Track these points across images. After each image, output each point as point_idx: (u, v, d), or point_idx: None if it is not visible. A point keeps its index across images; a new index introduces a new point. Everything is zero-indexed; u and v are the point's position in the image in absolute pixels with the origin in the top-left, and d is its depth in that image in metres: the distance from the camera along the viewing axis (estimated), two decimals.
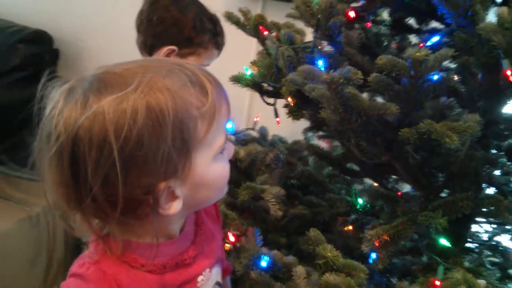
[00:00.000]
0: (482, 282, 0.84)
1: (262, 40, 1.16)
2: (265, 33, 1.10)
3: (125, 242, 0.60)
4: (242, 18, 1.23)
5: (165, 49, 1.26)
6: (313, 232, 0.86)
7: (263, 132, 1.42)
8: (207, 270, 0.69)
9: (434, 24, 1.15)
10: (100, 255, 0.60)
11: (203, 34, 1.28)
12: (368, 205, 1.29)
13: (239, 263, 1.01)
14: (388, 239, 0.93)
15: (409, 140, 0.81)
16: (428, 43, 0.89)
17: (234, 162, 1.16)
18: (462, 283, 0.73)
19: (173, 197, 0.57)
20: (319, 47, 1.05)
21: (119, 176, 0.51)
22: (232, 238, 1.15)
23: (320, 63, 0.97)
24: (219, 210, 0.81)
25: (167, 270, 0.63)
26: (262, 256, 0.99)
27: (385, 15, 1.28)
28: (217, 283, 0.73)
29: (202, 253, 0.69)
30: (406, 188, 1.25)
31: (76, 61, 2.50)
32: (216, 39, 1.31)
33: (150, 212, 0.56)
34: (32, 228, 1.87)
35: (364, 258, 1.07)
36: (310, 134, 1.47)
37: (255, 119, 1.69)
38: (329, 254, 0.79)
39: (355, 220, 1.31)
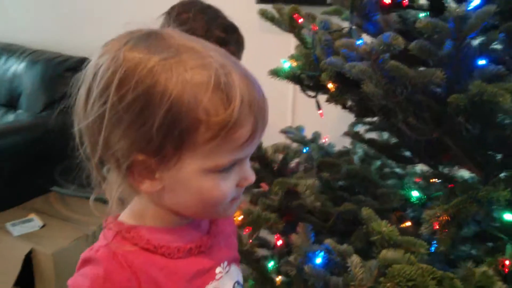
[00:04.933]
0: None
1: (298, 31, 1.15)
2: (300, 20, 1.09)
3: (136, 227, 0.60)
4: (276, 15, 1.22)
5: None
6: (365, 211, 0.82)
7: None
8: (226, 263, 0.68)
9: None
10: (110, 238, 0.59)
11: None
12: (424, 197, 1.23)
13: (290, 262, 0.98)
14: (449, 218, 0.88)
15: (459, 107, 0.77)
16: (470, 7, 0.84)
17: (265, 163, 1.14)
18: None
19: (151, 176, 0.56)
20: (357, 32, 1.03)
21: (105, 122, 0.53)
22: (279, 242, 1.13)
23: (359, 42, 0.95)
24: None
25: (181, 254, 0.61)
26: (318, 251, 0.96)
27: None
28: (237, 283, 0.71)
29: (218, 245, 0.67)
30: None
31: None
32: (226, 48, 1.30)
33: (123, 178, 0.57)
34: (88, 246, 1.92)
35: None
36: (357, 128, 1.42)
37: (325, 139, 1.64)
38: (384, 228, 0.75)
39: (412, 216, 1.25)
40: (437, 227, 0.89)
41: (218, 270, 0.65)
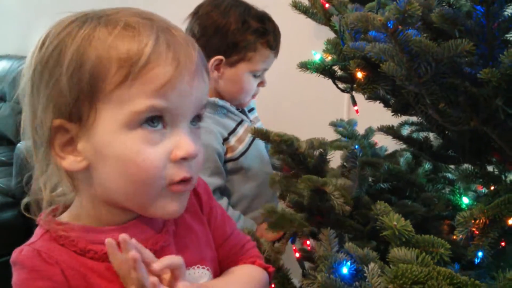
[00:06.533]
0: None
1: (328, 20, 1.07)
2: (327, 5, 1.01)
3: (66, 225, 0.56)
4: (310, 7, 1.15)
5: (212, 61, 1.22)
6: (380, 205, 0.72)
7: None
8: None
9: None
10: (36, 237, 0.56)
11: (249, 35, 1.21)
12: (475, 203, 1.07)
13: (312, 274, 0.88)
14: (487, 222, 0.75)
15: (493, 85, 0.65)
16: None
17: (299, 159, 1.04)
18: None
19: (73, 148, 0.53)
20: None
21: (29, 88, 0.53)
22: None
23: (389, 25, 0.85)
24: (208, 205, 0.70)
25: None
26: (344, 261, 0.85)
27: None
28: None
29: (169, 246, 0.59)
30: None
31: None
32: (266, 38, 1.23)
33: (45, 155, 0.54)
34: None
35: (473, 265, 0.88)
36: (405, 128, 1.30)
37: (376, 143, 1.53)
38: (395, 223, 0.64)
39: None
40: (475, 230, 0.77)
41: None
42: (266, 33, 1.25)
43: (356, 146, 1.15)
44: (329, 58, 1.10)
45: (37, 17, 3.02)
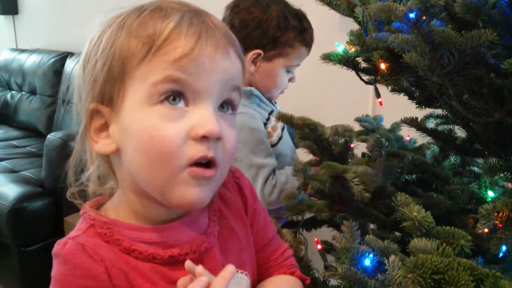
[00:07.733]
0: None
1: (351, 11, 1.06)
2: None
3: (110, 223, 0.54)
4: None
5: (250, 54, 1.23)
6: (400, 196, 0.71)
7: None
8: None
9: None
10: (80, 231, 0.54)
11: (289, 32, 1.23)
12: (501, 197, 1.06)
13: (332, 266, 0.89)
14: (511, 215, 0.74)
15: None
16: None
17: (323, 145, 1.04)
18: None
19: (105, 131, 0.54)
20: None
21: (78, 78, 0.56)
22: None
23: (412, 15, 0.84)
24: (253, 207, 0.68)
25: (158, 261, 0.53)
26: (367, 253, 0.85)
27: None
28: None
29: (214, 248, 0.58)
30: None
31: None
32: (303, 36, 1.25)
33: (84, 140, 0.56)
34: None
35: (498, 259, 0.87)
36: (430, 121, 1.28)
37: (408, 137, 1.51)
38: (415, 214, 0.64)
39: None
40: (500, 225, 0.76)
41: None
42: (304, 31, 1.28)
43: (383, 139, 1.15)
44: (353, 49, 1.10)
45: (64, 12, 3.08)
